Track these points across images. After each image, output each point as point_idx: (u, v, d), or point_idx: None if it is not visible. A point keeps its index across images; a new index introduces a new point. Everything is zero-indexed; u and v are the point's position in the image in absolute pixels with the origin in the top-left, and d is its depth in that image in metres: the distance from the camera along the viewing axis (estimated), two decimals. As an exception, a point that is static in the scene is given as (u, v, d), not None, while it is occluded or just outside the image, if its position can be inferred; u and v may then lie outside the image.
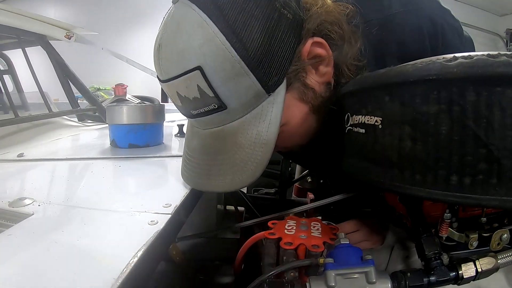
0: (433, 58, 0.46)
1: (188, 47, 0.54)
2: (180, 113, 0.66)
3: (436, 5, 0.72)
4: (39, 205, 0.57)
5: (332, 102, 0.67)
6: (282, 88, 0.59)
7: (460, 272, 0.53)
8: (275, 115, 0.59)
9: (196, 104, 0.58)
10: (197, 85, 0.55)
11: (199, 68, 0.54)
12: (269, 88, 0.58)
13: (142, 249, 0.40)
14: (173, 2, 0.59)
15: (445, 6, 0.74)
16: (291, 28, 0.58)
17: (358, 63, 0.68)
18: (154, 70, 0.62)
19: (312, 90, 0.65)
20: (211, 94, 0.55)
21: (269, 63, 0.56)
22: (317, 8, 0.63)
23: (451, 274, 0.53)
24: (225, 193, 1.08)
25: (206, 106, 0.57)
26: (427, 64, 0.45)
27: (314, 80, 0.65)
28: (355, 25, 0.67)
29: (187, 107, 0.60)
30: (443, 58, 0.44)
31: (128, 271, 0.35)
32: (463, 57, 0.43)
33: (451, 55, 0.44)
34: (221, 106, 0.57)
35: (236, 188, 0.61)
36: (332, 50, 0.64)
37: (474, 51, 0.80)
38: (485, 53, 0.43)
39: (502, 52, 0.42)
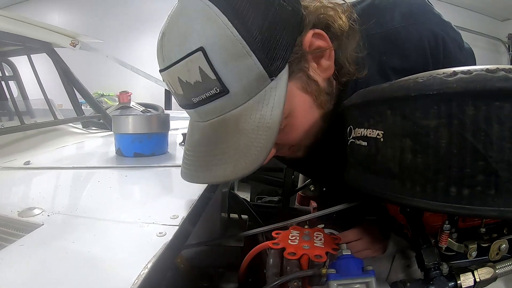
0: (434, 72, 0.47)
1: (191, 29, 0.55)
2: (180, 106, 0.64)
3: (437, 19, 0.73)
4: (48, 215, 0.58)
5: (335, 100, 0.69)
6: (284, 73, 0.59)
7: (458, 282, 0.54)
8: (279, 99, 0.58)
9: (197, 89, 0.57)
10: (199, 67, 0.54)
11: (201, 49, 0.54)
12: (271, 72, 0.57)
13: (152, 261, 0.41)
14: None
15: (447, 12, 0.75)
16: (292, 18, 0.59)
17: (358, 54, 0.68)
18: (158, 78, 0.63)
19: (315, 83, 0.65)
20: (213, 76, 0.54)
21: (271, 46, 0.56)
22: (315, 3, 0.65)
23: (450, 284, 0.54)
24: (229, 198, 1.09)
25: (208, 91, 0.56)
26: (427, 79, 0.46)
27: (316, 73, 0.65)
28: (352, 20, 0.68)
29: (188, 94, 0.59)
30: (443, 73, 0.45)
31: (139, 282, 0.37)
32: (462, 72, 0.44)
33: (451, 70, 0.45)
34: (223, 90, 0.56)
35: (238, 176, 0.58)
36: (332, 42, 0.65)
37: (475, 62, 0.82)
38: (484, 68, 0.43)
39: (500, 67, 0.42)
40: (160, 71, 0.61)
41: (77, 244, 0.47)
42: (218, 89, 0.55)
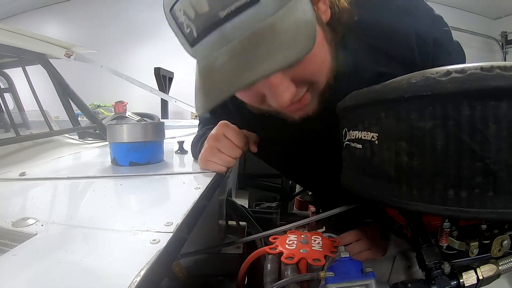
0: (427, 72, 0.46)
1: None
2: (195, 38, 0.58)
3: (429, 14, 0.76)
4: (42, 225, 0.57)
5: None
6: None
7: (461, 280, 0.53)
8: (307, 5, 0.56)
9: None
10: None
11: None
12: None
13: (145, 268, 0.40)
14: None
15: (439, 12, 0.77)
16: None
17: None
18: (153, 87, 0.61)
19: (320, 19, 0.66)
20: None
21: None
22: None
23: (452, 283, 0.53)
24: (227, 205, 1.09)
25: (237, 1, 0.52)
26: (421, 80, 0.46)
27: (318, 13, 0.65)
28: None
29: (214, 7, 0.54)
30: (437, 72, 0.45)
31: (131, 291, 0.36)
32: (456, 71, 0.44)
33: (445, 69, 0.45)
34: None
35: (290, 62, 0.54)
36: None
37: (463, 53, 0.82)
38: (478, 66, 0.43)
39: (495, 65, 0.42)
40: None
41: (70, 253, 0.46)
42: None
